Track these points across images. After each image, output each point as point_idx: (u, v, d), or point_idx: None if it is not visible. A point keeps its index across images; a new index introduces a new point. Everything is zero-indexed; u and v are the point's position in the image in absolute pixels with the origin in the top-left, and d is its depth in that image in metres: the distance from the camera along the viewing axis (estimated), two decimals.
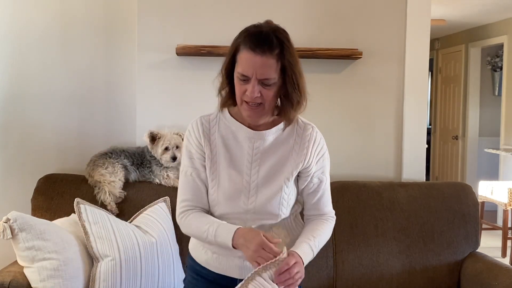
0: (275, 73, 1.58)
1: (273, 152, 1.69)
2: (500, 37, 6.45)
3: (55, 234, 2.14)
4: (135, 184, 2.63)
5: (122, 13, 2.88)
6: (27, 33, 2.85)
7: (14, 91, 2.87)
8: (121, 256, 2.18)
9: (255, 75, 1.56)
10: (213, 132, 1.70)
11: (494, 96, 7.18)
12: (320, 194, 1.75)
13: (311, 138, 1.71)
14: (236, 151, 1.68)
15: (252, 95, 1.57)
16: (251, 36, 1.59)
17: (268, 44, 1.56)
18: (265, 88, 1.58)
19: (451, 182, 2.89)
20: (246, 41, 1.58)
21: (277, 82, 1.59)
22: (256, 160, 1.67)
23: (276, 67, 1.57)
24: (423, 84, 2.93)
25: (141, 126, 2.81)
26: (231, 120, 1.71)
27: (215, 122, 1.72)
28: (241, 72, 1.58)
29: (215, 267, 1.73)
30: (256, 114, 1.62)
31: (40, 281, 2.05)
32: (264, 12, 2.83)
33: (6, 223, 2.06)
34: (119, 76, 2.91)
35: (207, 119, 1.73)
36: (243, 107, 1.62)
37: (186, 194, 1.72)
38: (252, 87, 1.56)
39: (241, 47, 1.60)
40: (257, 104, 1.60)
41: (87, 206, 2.26)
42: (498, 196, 5.12)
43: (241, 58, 1.59)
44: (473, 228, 2.60)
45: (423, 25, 2.90)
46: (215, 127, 1.71)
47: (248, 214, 1.68)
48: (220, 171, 1.68)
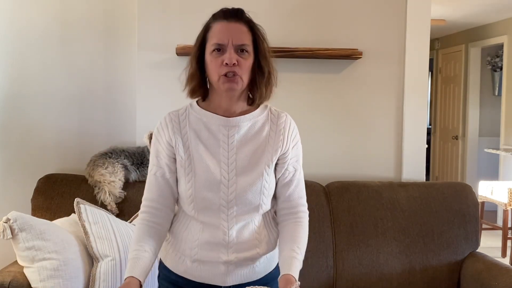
0: (249, 41, 1.59)
1: (250, 139, 1.65)
2: (500, 37, 6.45)
3: (55, 234, 2.14)
4: (135, 184, 2.63)
5: (122, 13, 2.88)
6: (27, 33, 2.85)
7: (14, 91, 2.87)
8: (121, 256, 2.18)
9: (231, 41, 1.56)
10: (183, 127, 1.66)
11: (494, 96, 7.18)
12: (294, 184, 1.71)
13: (286, 124, 1.68)
14: (210, 141, 1.64)
15: (230, 61, 1.54)
16: (221, 11, 1.63)
17: (242, 17, 1.61)
18: (241, 57, 1.57)
19: (451, 182, 2.89)
20: (217, 16, 1.62)
21: (250, 53, 1.59)
22: (233, 149, 1.63)
23: (249, 36, 1.59)
24: (423, 84, 2.92)
25: (141, 126, 2.81)
26: (201, 111, 1.66)
27: (185, 117, 1.67)
28: (216, 42, 1.57)
29: (196, 276, 1.68)
30: (235, 85, 1.57)
31: (40, 281, 2.05)
32: (264, 12, 2.83)
33: (6, 223, 2.06)
34: (119, 76, 2.91)
35: (175, 114, 1.68)
36: (220, 81, 1.57)
37: (148, 192, 1.67)
38: (229, 54, 1.55)
39: (212, 24, 1.61)
40: (233, 74, 1.56)
41: (87, 206, 2.26)
42: (498, 196, 5.13)
43: (214, 31, 1.60)
44: (473, 228, 2.60)
45: (423, 25, 2.90)
46: (185, 121, 1.66)
47: (229, 208, 1.62)
48: (196, 164, 1.62)
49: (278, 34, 1.82)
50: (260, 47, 1.61)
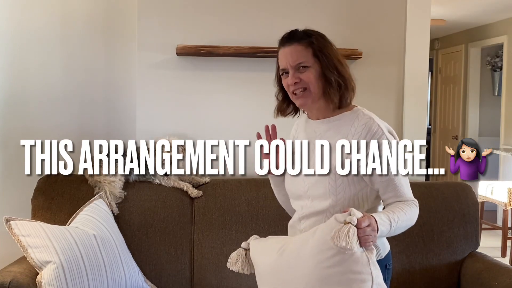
0: (307, 57, 1.74)
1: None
2: (500, 37, 6.45)
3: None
4: (135, 184, 2.62)
5: (122, 13, 2.88)
6: (27, 33, 2.85)
7: (14, 91, 2.87)
8: (60, 258, 2.12)
9: (289, 64, 1.75)
10: None
11: (494, 96, 7.18)
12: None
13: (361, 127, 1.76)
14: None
15: (292, 81, 1.74)
16: (280, 39, 1.81)
17: (295, 38, 1.77)
18: (302, 73, 1.74)
19: (451, 182, 2.88)
20: (279, 43, 1.81)
21: (312, 65, 1.74)
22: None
23: (307, 52, 1.74)
24: (423, 84, 2.93)
25: (141, 126, 2.81)
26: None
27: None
28: (281, 68, 1.79)
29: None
30: (305, 100, 1.76)
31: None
32: (264, 12, 2.84)
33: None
34: (119, 76, 2.91)
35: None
36: (293, 98, 1.79)
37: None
38: (290, 75, 1.75)
39: (278, 51, 1.81)
40: (302, 90, 1.75)
41: (17, 221, 2.22)
42: (498, 196, 5.12)
43: (279, 58, 1.81)
44: (473, 228, 2.60)
45: (423, 25, 2.90)
46: None
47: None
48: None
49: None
50: (321, 59, 1.74)
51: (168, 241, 2.52)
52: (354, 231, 1.52)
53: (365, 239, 1.54)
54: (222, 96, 2.86)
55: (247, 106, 2.86)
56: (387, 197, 1.74)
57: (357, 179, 1.73)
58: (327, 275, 1.55)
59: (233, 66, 2.84)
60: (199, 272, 2.50)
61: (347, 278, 1.53)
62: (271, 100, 1.91)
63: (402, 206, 1.70)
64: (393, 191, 1.72)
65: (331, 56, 1.76)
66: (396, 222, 1.65)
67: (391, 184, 1.71)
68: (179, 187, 2.61)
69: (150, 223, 2.53)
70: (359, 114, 1.77)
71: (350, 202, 1.74)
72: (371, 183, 1.73)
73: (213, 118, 2.86)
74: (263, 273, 1.76)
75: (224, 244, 2.49)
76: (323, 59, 1.74)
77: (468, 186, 2.72)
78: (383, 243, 1.82)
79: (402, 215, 1.68)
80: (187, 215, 2.56)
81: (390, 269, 1.83)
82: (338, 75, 1.74)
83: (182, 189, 2.61)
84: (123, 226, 2.49)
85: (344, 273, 1.54)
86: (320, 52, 1.74)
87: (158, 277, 2.49)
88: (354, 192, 1.74)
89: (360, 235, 1.53)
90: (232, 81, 2.86)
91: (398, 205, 1.70)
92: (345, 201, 1.73)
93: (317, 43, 1.75)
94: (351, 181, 1.73)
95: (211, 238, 2.53)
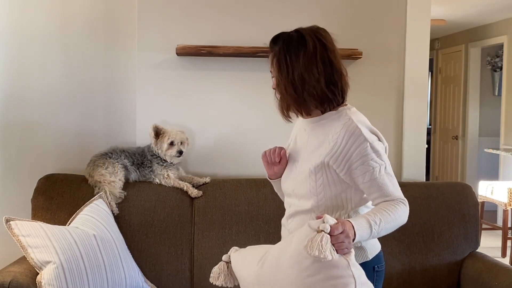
0: (272, 66, 1.78)
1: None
2: (500, 37, 6.45)
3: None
4: (135, 184, 2.63)
5: (122, 13, 2.88)
6: (27, 33, 2.85)
7: (14, 91, 2.87)
8: (60, 258, 2.13)
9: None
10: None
11: (494, 96, 7.18)
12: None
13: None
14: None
15: (273, 86, 1.81)
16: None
17: (272, 42, 1.78)
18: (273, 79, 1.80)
19: (451, 182, 2.89)
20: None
21: (275, 75, 1.77)
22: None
23: (272, 60, 1.77)
24: (423, 84, 2.93)
25: (141, 126, 2.81)
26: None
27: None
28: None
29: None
30: (278, 104, 1.80)
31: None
32: (264, 12, 2.84)
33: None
34: (119, 76, 2.91)
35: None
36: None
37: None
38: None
39: None
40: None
41: (17, 221, 2.22)
42: (498, 196, 5.13)
43: None
44: (473, 228, 2.60)
45: (423, 25, 2.90)
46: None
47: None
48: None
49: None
50: (281, 69, 1.75)
51: (168, 241, 2.52)
52: (327, 239, 1.48)
53: (339, 246, 1.51)
54: (222, 96, 2.86)
55: (247, 106, 2.86)
56: (373, 198, 1.71)
57: (338, 180, 1.71)
58: (310, 284, 1.53)
59: (233, 66, 2.84)
60: (199, 272, 2.50)
61: (330, 284, 1.51)
62: (271, 100, 1.91)
63: (386, 207, 1.65)
64: (378, 191, 1.68)
65: (293, 67, 1.72)
66: (378, 225, 1.60)
67: (374, 185, 1.68)
68: (179, 187, 2.62)
69: (150, 223, 2.53)
70: (341, 115, 1.75)
71: (333, 203, 1.72)
72: (354, 184, 1.71)
73: (213, 118, 2.86)
74: (248, 286, 1.74)
75: (224, 244, 2.49)
76: (283, 69, 1.73)
77: (468, 186, 2.72)
78: (373, 245, 1.78)
79: (385, 216, 1.62)
80: (187, 215, 2.56)
81: (381, 271, 1.79)
82: (302, 84, 1.71)
83: (182, 189, 2.61)
84: (123, 226, 2.49)
85: (326, 280, 1.52)
86: (279, 61, 1.74)
87: (158, 277, 2.49)
88: (336, 193, 1.72)
89: (334, 243, 1.50)
90: (232, 81, 2.86)
91: (382, 206, 1.66)
92: (327, 201, 1.72)
93: (280, 53, 1.74)
94: (331, 181, 1.71)
95: (211, 238, 2.53)
